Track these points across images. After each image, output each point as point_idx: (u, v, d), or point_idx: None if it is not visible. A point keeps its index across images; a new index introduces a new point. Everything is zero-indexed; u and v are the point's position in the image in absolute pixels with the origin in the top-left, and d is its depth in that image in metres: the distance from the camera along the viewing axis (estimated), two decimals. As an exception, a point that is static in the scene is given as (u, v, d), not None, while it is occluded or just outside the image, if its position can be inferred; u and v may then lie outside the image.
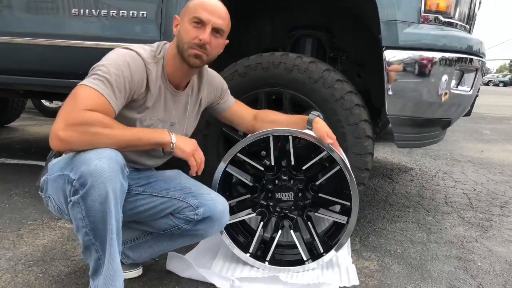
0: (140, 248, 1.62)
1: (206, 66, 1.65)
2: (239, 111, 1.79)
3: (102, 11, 2.32)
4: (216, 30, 1.42)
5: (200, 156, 1.41)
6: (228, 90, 1.77)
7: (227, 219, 1.58)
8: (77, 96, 1.23)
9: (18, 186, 2.71)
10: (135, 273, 1.65)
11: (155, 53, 1.45)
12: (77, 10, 2.34)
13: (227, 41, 1.53)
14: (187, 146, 1.38)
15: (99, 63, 1.32)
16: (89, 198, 1.18)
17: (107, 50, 1.37)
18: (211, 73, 1.69)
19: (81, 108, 1.20)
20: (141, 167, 1.58)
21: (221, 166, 1.69)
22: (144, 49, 1.41)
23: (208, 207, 1.49)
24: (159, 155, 1.51)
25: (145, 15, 2.28)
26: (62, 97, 4.08)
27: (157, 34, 2.26)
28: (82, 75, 1.28)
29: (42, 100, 6.00)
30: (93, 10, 2.33)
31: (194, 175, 1.43)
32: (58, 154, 1.40)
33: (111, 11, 2.31)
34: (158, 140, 1.34)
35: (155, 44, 1.49)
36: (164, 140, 1.34)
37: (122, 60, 1.32)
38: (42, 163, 1.47)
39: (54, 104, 6.05)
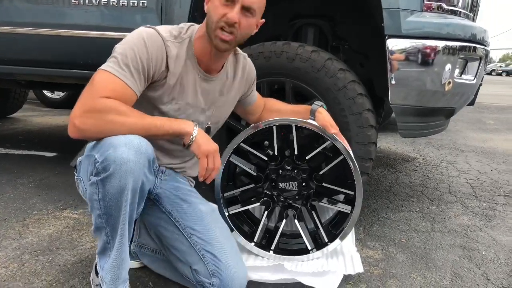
0: (156, 263, 1.60)
1: (244, 54, 1.61)
2: (257, 104, 1.74)
3: (102, 0, 2.30)
4: (246, 9, 1.30)
5: (215, 161, 1.31)
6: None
7: None
8: (94, 83, 1.21)
9: (23, 177, 2.72)
10: (138, 264, 1.66)
11: (180, 33, 1.38)
12: None
13: (263, 21, 1.42)
14: (205, 145, 1.29)
15: (118, 44, 1.29)
16: (108, 184, 1.15)
17: (107, 40, 1.35)
18: (249, 61, 1.62)
19: (98, 95, 1.18)
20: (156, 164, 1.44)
21: (224, 156, 1.69)
22: (165, 28, 1.36)
23: (225, 281, 1.36)
24: (178, 151, 1.48)
25: (145, 4, 2.25)
26: (63, 87, 4.08)
27: (158, 24, 2.24)
28: (83, 65, 1.27)
29: (43, 91, 6.00)
30: (93, 0, 2.32)
31: (201, 179, 1.32)
32: None
33: (111, 1, 2.29)
34: (178, 129, 1.26)
35: (182, 24, 1.43)
36: (184, 130, 1.27)
37: (138, 39, 1.28)
38: (46, 153, 1.47)
39: (56, 95, 6.06)
